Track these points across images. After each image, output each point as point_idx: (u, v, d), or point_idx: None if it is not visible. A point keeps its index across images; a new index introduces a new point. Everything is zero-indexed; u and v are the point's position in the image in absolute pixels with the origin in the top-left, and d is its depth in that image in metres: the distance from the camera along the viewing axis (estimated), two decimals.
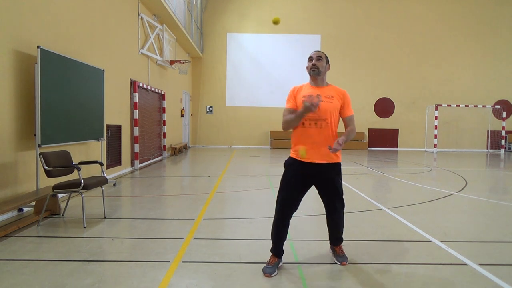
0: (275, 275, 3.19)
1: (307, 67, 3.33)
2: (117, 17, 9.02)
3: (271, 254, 3.36)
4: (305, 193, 3.34)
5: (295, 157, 3.29)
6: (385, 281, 3.11)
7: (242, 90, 19.35)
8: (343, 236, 3.60)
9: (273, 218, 3.38)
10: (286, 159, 3.38)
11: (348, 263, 3.44)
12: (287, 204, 3.27)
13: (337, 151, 3.06)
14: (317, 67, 3.25)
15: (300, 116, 3.11)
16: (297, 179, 3.26)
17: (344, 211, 3.45)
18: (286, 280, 3.11)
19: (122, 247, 3.92)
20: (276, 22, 3.40)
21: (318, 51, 3.36)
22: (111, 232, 4.42)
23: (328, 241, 3.66)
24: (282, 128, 3.34)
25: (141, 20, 10.66)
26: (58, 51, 5.84)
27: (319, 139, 3.18)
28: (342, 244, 3.60)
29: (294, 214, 3.33)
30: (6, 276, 3.12)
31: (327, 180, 3.30)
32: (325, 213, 3.51)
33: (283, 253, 3.40)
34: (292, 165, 3.30)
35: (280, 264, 3.38)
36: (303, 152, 3.18)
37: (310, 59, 3.31)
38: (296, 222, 4.84)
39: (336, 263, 3.45)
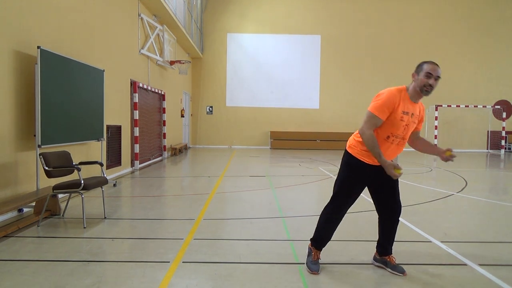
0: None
1: (418, 81, 2.90)
2: (117, 17, 9.02)
3: (315, 249, 3.33)
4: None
5: (364, 160, 3.09)
6: (385, 282, 3.11)
7: (242, 90, 19.35)
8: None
9: (326, 215, 3.30)
10: (350, 158, 3.15)
11: (348, 263, 3.42)
12: (347, 206, 3.25)
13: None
14: (433, 88, 2.91)
15: (379, 161, 2.91)
16: (364, 183, 3.21)
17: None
18: (286, 280, 3.11)
19: (122, 247, 3.93)
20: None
21: (438, 66, 2.90)
22: (111, 233, 4.42)
23: (379, 251, 3.39)
24: (362, 138, 2.98)
25: (141, 20, 10.66)
26: (58, 51, 5.83)
27: (395, 153, 3.14)
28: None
29: (293, 215, 3.32)
30: (6, 276, 3.13)
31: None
32: (379, 218, 3.36)
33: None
34: (360, 168, 3.12)
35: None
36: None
37: (429, 75, 2.85)
38: (296, 222, 4.85)
39: (394, 273, 3.22)
